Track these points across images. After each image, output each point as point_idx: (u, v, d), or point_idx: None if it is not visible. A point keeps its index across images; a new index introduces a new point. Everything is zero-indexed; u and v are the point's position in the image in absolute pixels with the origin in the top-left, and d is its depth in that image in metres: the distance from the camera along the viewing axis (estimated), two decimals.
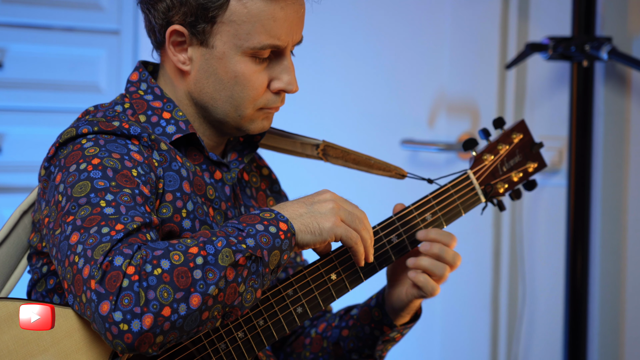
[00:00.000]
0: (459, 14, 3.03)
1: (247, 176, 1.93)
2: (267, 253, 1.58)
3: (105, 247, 1.51)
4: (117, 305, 1.47)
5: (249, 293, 1.58)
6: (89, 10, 3.38)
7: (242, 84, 1.74)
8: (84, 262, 1.51)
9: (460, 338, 3.08)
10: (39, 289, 1.75)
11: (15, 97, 3.28)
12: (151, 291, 1.48)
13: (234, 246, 1.55)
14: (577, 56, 2.60)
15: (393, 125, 3.13)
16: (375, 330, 1.92)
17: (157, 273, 1.49)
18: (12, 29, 3.28)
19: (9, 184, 3.29)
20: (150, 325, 1.47)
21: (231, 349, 1.67)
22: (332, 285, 1.75)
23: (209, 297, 1.51)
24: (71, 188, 1.61)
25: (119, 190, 1.60)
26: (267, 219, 1.61)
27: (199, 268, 1.51)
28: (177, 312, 1.49)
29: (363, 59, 3.22)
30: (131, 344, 1.47)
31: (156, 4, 1.75)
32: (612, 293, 2.71)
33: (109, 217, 1.55)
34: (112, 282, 1.48)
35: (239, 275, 1.55)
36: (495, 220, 2.98)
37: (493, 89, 2.95)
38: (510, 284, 2.96)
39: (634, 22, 2.66)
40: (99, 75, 3.41)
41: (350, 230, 1.68)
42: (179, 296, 1.49)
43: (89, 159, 1.64)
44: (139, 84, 1.81)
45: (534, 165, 1.97)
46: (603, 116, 2.68)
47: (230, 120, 1.77)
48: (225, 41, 1.72)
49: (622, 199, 2.70)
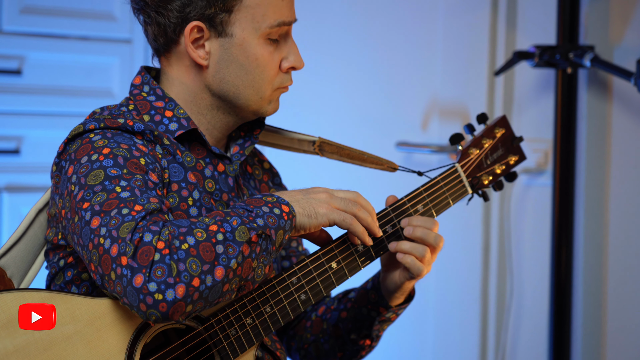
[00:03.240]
0: (451, 24, 3.02)
1: (251, 169, 1.94)
2: (274, 232, 1.63)
3: (130, 225, 1.53)
4: (151, 277, 1.50)
5: (260, 269, 1.63)
6: (103, 20, 3.38)
7: (262, 66, 1.76)
8: (110, 242, 1.53)
9: (452, 328, 3.06)
10: (57, 281, 1.76)
11: (33, 102, 3.28)
12: (181, 263, 1.51)
13: (248, 224, 1.59)
14: (561, 64, 2.61)
15: (388, 128, 3.14)
16: (372, 311, 1.92)
17: (184, 247, 1.52)
18: (31, 38, 3.27)
19: (28, 184, 3.29)
20: (183, 295, 1.50)
21: (240, 334, 1.69)
22: (332, 273, 1.77)
23: (230, 270, 1.56)
24: (85, 177, 1.62)
25: (132, 176, 1.62)
26: (270, 202, 1.65)
27: (220, 243, 1.55)
28: (204, 283, 1.52)
29: (360, 65, 3.23)
30: (165, 312, 1.51)
31: (168, 4, 1.74)
32: (594, 286, 2.70)
33: (126, 200, 1.57)
34: (144, 256, 1.51)
35: (253, 252, 1.59)
36: (485, 217, 2.96)
37: (483, 94, 2.94)
38: (498, 278, 2.94)
39: (614, 31, 2.65)
40: (112, 81, 3.41)
41: (344, 213, 1.71)
42: (206, 268, 1.53)
43: (99, 150, 1.65)
44: (141, 86, 1.82)
45: (515, 158, 1.98)
46: (586, 120, 2.68)
47: (252, 103, 1.79)
48: (244, 27, 1.74)
49: (604, 198, 2.69)
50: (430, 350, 3.12)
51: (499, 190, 1.98)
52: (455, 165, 1.92)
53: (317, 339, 1.98)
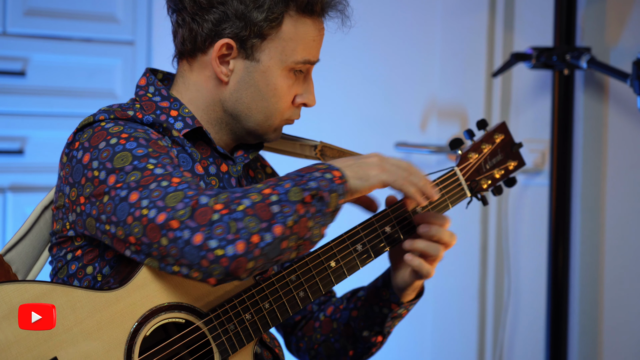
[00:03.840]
0: (449, 26, 3.02)
1: (253, 173, 1.95)
2: (327, 194, 1.63)
3: (178, 195, 1.57)
4: (211, 235, 1.54)
5: (316, 229, 1.64)
6: (106, 22, 3.40)
7: (278, 96, 1.78)
8: (156, 212, 1.56)
9: (450, 326, 3.07)
10: (60, 275, 1.76)
11: (37, 103, 3.29)
12: (239, 222, 1.55)
13: (301, 186, 1.61)
14: (558, 65, 2.61)
15: (388, 129, 3.14)
16: (384, 308, 1.93)
17: (241, 208, 1.56)
18: (35, 39, 3.28)
19: (32, 184, 3.30)
20: (243, 251, 1.54)
21: (239, 329, 1.71)
22: (331, 272, 1.78)
23: (287, 228, 1.58)
24: (110, 162, 1.64)
25: (158, 154, 1.65)
26: (321, 168, 1.66)
27: (275, 204, 1.58)
28: (263, 239, 1.56)
29: (359, 67, 3.23)
30: (227, 267, 1.54)
31: (206, 14, 1.74)
32: (591, 285, 2.70)
33: (162, 174, 1.61)
34: (202, 216, 1.54)
35: (308, 212, 1.61)
36: (483, 217, 2.97)
37: (481, 95, 2.95)
38: (496, 277, 2.95)
39: (611, 33, 2.65)
40: (115, 82, 3.43)
41: (396, 174, 1.71)
42: (264, 226, 1.56)
43: (117, 135, 1.67)
44: (147, 87, 1.82)
45: (514, 163, 1.98)
46: (582, 121, 2.68)
47: (259, 128, 1.81)
48: (272, 56, 1.76)
49: (600, 198, 2.69)
50: (429, 348, 3.12)
51: (498, 195, 1.99)
52: (454, 169, 1.92)
53: (327, 339, 1.99)
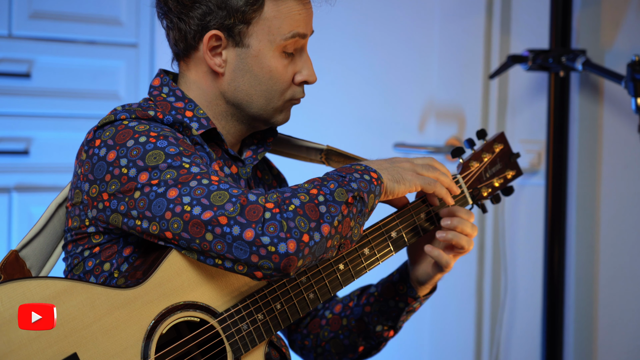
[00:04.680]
0: (447, 29, 3.03)
1: (260, 174, 1.97)
2: (367, 195, 1.68)
3: (222, 194, 1.59)
4: (264, 231, 1.57)
5: (357, 228, 1.68)
6: (110, 25, 3.41)
7: (275, 78, 1.78)
8: (201, 209, 1.58)
9: (448, 323, 3.08)
10: (75, 272, 1.76)
11: (42, 105, 3.29)
12: (291, 221, 1.58)
13: (344, 187, 1.66)
14: (554, 67, 2.63)
15: (387, 130, 3.16)
16: (400, 302, 1.95)
17: (292, 208, 1.60)
18: (40, 42, 3.28)
19: (37, 184, 3.30)
20: (295, 249, 1.58)
21: (252, 329, 1.71)
22: (340, 275, 1.80)
23: (333, 228, 1.62)
24: (142, 160, 1.64)
25: (190, 152, 1.66)
26: (360, 170, 1.70)
27: (323, 204, 1.62)
28: (313, 239, 1.60)
29: (359, 69, 3.25)
30: (278, 264, 1.57)
31: (190, 11, 1.75)
32: (586, 282, 2.72)
33: (199, 173, 1.62)
34: (253, 213, 1.57)
35: (350, 212, 1.65)
36: (480, 216, 2.97)
37: (478, 97, 2.96)
38: (493, 275, 2.96)
39: (605, 36, 2.66)
40: (119, 84, 3.44)
41: (428, 178, 1.78)
42: (313, 225, 1.60)
43: (145, 133, 1.67)
44: (161, 87, 1.82)
45: (512, 172, 2.01)
46: (578, 122, 2.70)
47: (263, 113, 1.81)
48: (260, 39, 1.76)
49: (595, 198, 2.70)
50: (427, 344, 3.13)
51: (497, 203, 2.01)
52: (457, 177, 1.94)
53: (336, 336, 2.00)
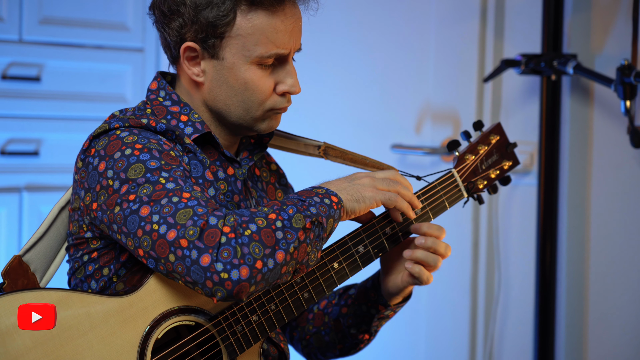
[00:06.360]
0: (442, 34, 3.06)
1: (259, 172, 1.96)
2: (325, 220, 1.67)
3: (187, 212, 1.58)
4: (218, 257, 1.55)
5: (313, 254, 1.67)
6: (117, 30, 3.43)
7: (251, 89, 1.76)
8: (167, 228, 1.57)
9: (443, 319, 3.10)
10: (77, 275, 1.77)
11: (51, 107, 3.32)
12: (245, 247, 1.57)
13: (303, 212, 1.64)
14: (546, 71, 2.65)
15: (384, 132, 3.18)
16: (372, 309, 1.94)
17: (247, 233, 1.58)
18: (49, 47, 3.31)
19: (46, 184, 3.33)
20: (247, 276, 1.56)
21: (247, 330, 1.72)
22: (334, 273, 1.79)
23: (289, 254, 1.61)
24: (124, 172, 1.64)
25: (170, 167, 1.65)
26: (320, 193, 1.69)
27: (280, 230, 1.61)
28: (266, 265, 1.58)
29: (357, 72, 3.26)
30: (231, 291, 1.56)
31: (170, 23, 1.76)
32: (577, 279, 2.73)
33: (173, 189, 1.61)
34: (211, 237, 1.55)
35: (307, 237, 1.64)
36: (474, 215, 3.00)
37: (472, 99, 2.98)
38: (487, 272, 2.98)
39: (596, 41, 2.68)
40: (125, 88, 3.46)
41: (389, 193, 1.75)
42: (268, 252, 1.58)
43: (131, 145, 1.67)
44: (158, 91, 1.83)
45: (509, 163, 1.98)
46: (569, 124, 2.72)
47: (243, 122, 1.79)
48: (234, 53, 1.74)
49: (586, 197, 2.72)
50: (422, 340, 3.15)
51: (494, 194, 1.99)
52: (452, 171, 1.93)
53: (318, 331, 2.00)
